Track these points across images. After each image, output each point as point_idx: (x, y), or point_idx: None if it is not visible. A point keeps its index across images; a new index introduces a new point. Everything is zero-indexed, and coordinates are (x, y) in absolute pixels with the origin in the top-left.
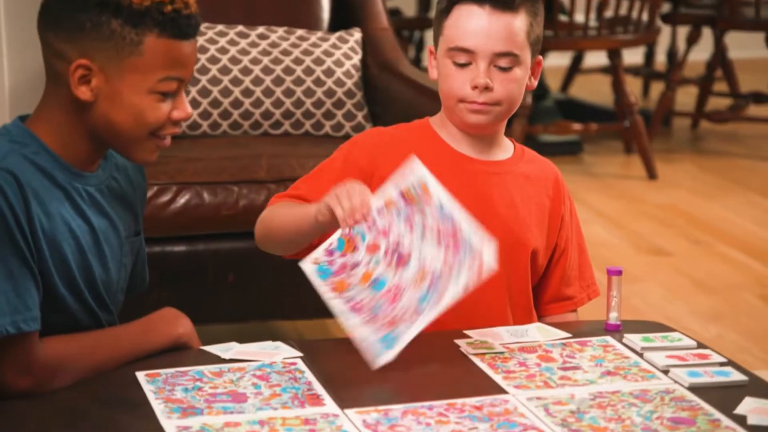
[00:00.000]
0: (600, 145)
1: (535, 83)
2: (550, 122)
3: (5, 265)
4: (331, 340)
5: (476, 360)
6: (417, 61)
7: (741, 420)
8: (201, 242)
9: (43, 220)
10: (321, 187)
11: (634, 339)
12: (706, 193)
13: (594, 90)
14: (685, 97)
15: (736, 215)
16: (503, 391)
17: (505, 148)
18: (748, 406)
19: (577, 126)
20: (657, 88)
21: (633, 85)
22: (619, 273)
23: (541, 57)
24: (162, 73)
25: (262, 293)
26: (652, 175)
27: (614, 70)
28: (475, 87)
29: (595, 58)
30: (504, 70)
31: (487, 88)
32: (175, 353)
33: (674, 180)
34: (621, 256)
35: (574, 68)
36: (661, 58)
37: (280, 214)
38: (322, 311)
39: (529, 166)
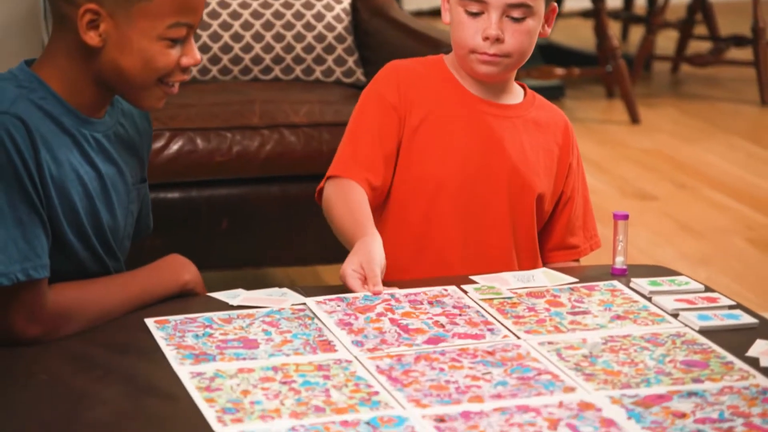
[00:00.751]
0: (582, 90)
1: (549, 31)
2: (532, 67)
3: (14, 211)
4: (335, 287)
5: (485, 305)
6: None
7: (754, 362)
8: (194, 188)
9: (52, 166)
10: (365, 148)
11: (642, 283)
12: (689, 136)
13: (573, 34)
14: (666, 41)
15: (720, 158)
16: (514, 336)
17: (516, 94)
18: (760, 348)
19: (559, 70)
20: (636, 32)
21: (612, 29)
22: (626, 217)
23: (555, 4)
24: (172, 18)
25: (256, 240)
26: (634, 119)
27: (597, 13)
28: (486, 38)
29: (574, 1)
30: (516, 20)
31: (498, 40)
32: (182, 300)
33: (656, 124)
34: (607, 200)
35: None
36: (640, 2)
37: (335, 217)
38: (315, 258)
39: (539, 113)
